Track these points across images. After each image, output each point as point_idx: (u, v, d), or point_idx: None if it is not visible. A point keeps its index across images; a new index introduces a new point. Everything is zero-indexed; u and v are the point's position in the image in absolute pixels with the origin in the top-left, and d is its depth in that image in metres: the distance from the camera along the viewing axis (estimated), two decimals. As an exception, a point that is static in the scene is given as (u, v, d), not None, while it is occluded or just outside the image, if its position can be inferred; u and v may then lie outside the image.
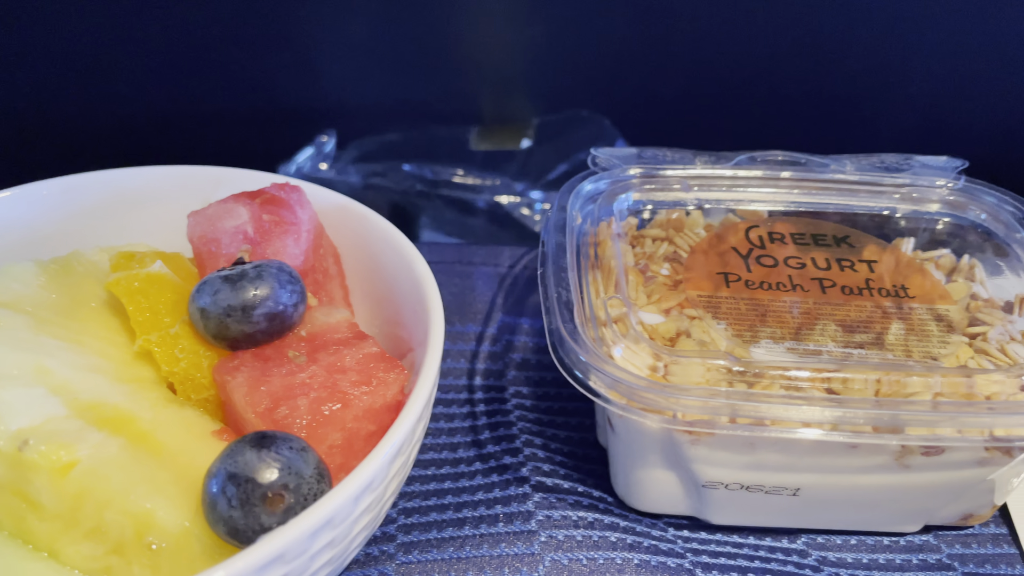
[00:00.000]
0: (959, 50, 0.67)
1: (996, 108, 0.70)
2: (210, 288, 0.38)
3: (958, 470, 0.38)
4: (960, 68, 0.67)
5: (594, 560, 0.39)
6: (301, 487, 0.32)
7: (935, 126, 0.70)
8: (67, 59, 0.66)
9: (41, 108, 0.68)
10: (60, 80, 0.67)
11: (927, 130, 0.70)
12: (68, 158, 0.71)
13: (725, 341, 0.39)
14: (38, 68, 0.67)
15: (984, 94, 0.67)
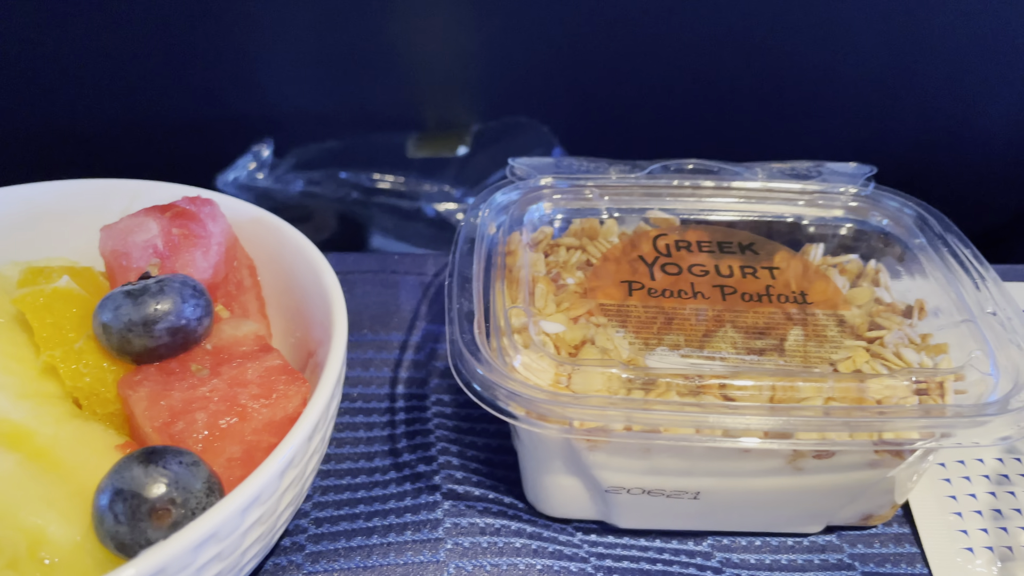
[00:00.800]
0: (882, 60, 0.68)
1: (911, 116, 0.71)
2: (112, 303, 0.38)
3: (850, 472, 0.39)
4: (880, 78, 0.68)
5: (497, 566, 0.39)
6: (189, 501, 0.32)
7: (860, 134, 0.71)
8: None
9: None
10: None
11: (853, 138, 0.71)
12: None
13: (626, 349, 0.40)
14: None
15: (900, 103, 0.69)
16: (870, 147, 0.74)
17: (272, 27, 0.67)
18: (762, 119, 0.71)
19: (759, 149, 0.68)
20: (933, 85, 0.70)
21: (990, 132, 0.74)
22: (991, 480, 0.44)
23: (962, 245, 0.44)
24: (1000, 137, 0.74)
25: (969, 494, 0.44)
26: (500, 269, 0.43)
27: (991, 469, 0.45)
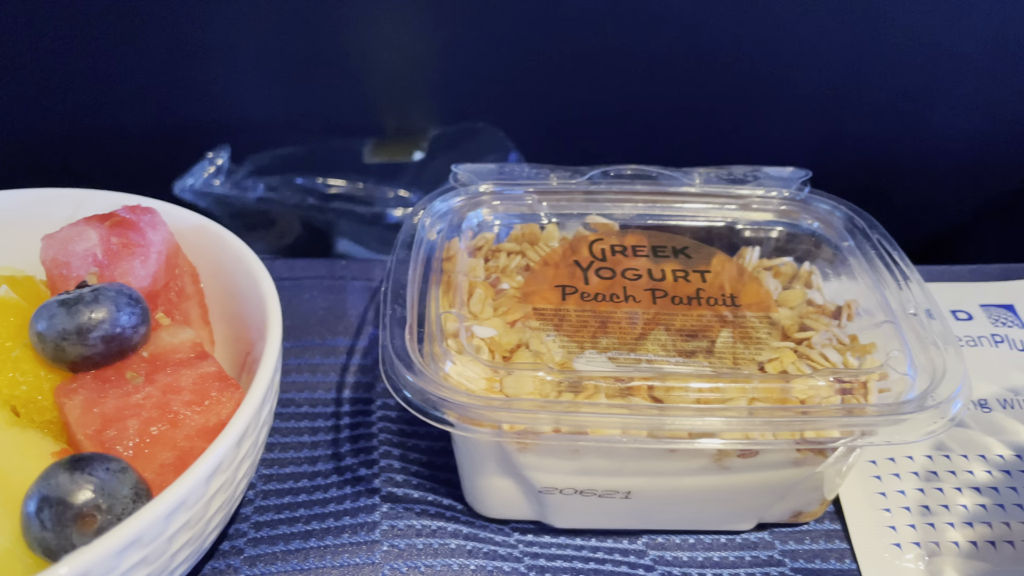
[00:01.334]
0: (832, 68, 0.69)
1: (860, 122, 0.73)
2: (47, 312, 0.39)
3: (776, 470, 0.40)
4: (830, 85, 0.69)
5: (432, 567, 0.40)
6: (115, 507, 0.33)
7: (811, 139, 0.73)
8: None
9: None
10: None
11: (804, 143, 0.72)
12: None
13: (558, 353, 0.41)
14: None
15: (850, 109, 0.70)
16: (821, 152, 0.75)
17: (229, 33, 0.68)
18: (718, 125, 0.72)
19: (716, 154, 0.69)
20: (882, 92, 0.71)
21: (938, 137, 0.75)
22: (920, 477, 0.45)
23: (889, 247, 0.45)
24: (948, 142, 0.75)
25: (899, 491, 0.45)
26: (437, 275, 0.44)
27: (920, 466, 0.46)
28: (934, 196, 0.79)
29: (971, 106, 0.73)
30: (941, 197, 0.79)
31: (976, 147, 0.76)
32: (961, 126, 0.74)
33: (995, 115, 0.73)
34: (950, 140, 0.75)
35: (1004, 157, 0.76)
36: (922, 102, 0.72)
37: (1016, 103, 0.72)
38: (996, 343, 0.52)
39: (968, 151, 0.76)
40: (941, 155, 0.76)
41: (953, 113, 0.73)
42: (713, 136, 0.73)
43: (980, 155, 0.76)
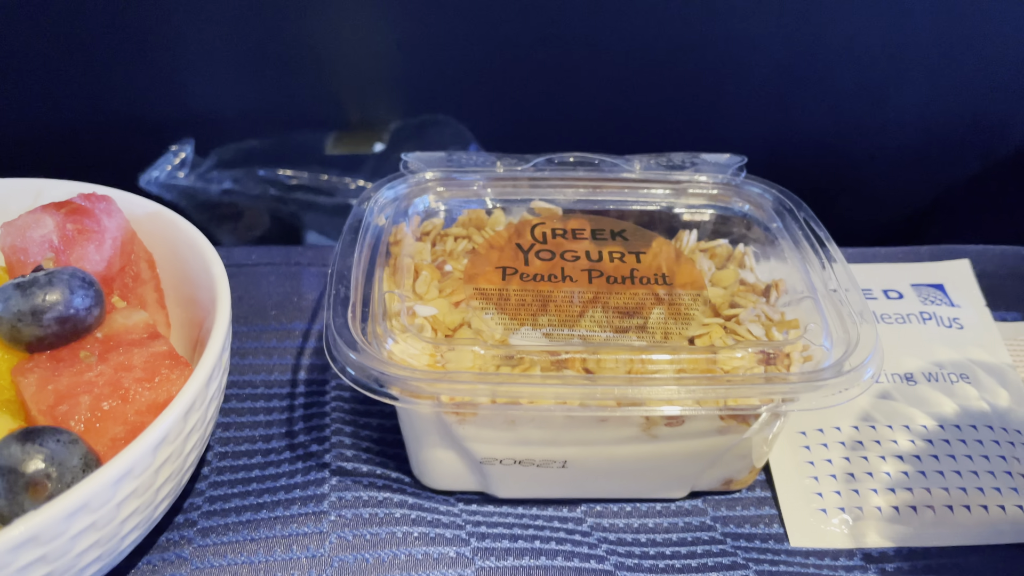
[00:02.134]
0: (786, 56, 0.72)
1: (816, 110, 0.75)
2: (3, 295, 0.40)
3: (702, 439, 0.42)
4: (786, 73, 0.71)
5: (377, 535, 0.42)
6: (65, 476, 0.35)
7: (765, 128, 0.75)
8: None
9: None
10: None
11: (759, 132, 0.75)
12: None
13: (498, 331, 0.43)
14: None
15: (805, 97, 0.72)
16: (777, 140, 0.78)
17: (192, 26, 0.69)
18: (674, 118, 0.74)
19: (672, 145, 0.71)
20: (837, 79, 0.74)
21: (891, 127, 0.77)
22: (846, 446, 0.48)
23: (815, 226, 0.47)
24: (900, 132, 0.78)
25: (826, 460, 0.47)
26: (384, 258, 0.46)
27: (847, 436, 0.48)
28: (889, 184, 0.82)
29: (920, 98, 0.75)
30: (896, 184, 0.82)
31: (926, 137, 0.78)
32: (911, 117, 0.77)
33: (943, 106, 0.76)
34: (901, 130, 0.78)
35: (952, 146, 0.79)
36: (874, 94, 0.75)
37: (962, 94, 0.75)
38: (924, 320, 0.54)
39: (919, 141, 0.78)
40: (893, 145, 0.79)
41: (903, 105, 0.76)
42: (669, 128, 0.75)
43: (930, 144, 0.79)
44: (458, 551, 0.41)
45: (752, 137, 0.78)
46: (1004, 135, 0.78)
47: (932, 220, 0.79)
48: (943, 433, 0.48)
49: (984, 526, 0.45)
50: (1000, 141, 0.78)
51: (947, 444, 0.47)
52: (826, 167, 0.76)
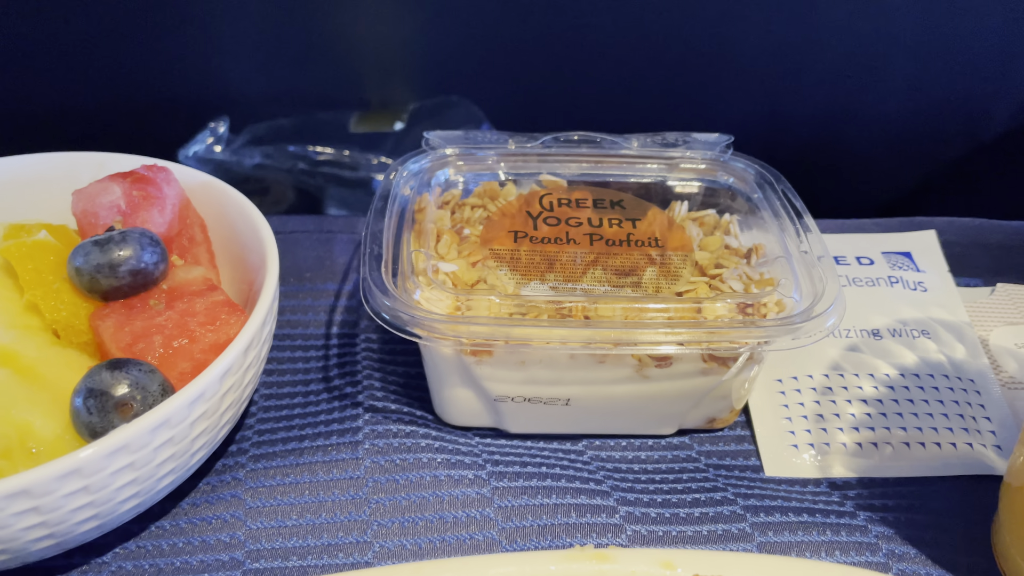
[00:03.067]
0: (781, 44, 0.77)
1: (809, 94, 0.80)
2: (83, 251, 0.47)
3: (688, 379, 0.48)
4: (781, 59, 0.77)
5: (405, 459, 0.48)
6: (147, 398, 0.41)
7: (764, 109, 0.80)
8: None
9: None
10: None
11: (759, 112, 0.80)
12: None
13: (510, 285, 0.49)
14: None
15: (800, 82, 0.78)
16: (767, 121, 0.83)
17: (228, 14, 0.75)
18: (667, 98, 0.80)
19: (665, 122, 0.76)
20: (829, 64, 0.79)
21: (878, 113, 0.83)
22: (817, 391, 0.54)
23: (791, 196, 0.53)
24: (887, 117, 0.83)
25: (798, 403, 0.54)
26: (410, 223, 0.52)
27: (818, 383, 0.54)
28: (872, 163, 0.87)
29: (906, 84, 0.80)
30: (879, 164, 0.87)
31: (912, 121, 0.84)
32: (896, 101, 0.82)
33: (927, 92, 0.81)
34: (888, 115, 0.83)
35: (938, 130, 0.84)
36: (861, 78, 0.80)
37: (945, 80, 0.80)
38: (892, 283, 0.60)
39: (904, 126, 0.84)
40: (878, 127, 0.84)
41: (890, 91, 0.81)
42: (664, 110, 0.80)
43: (916, 128, 0.84)
44: (476, 474, 0.48)
45: (743, 118, 0.83)
46: (986, 118, 0.84)
47: (909, 197, 0.84)
48: (904, 381, 0.54)
49: (936, 460, 0.51)
50: (981, 124, 0.84)
51: (907, 390, 0.54)
52: (813, 147, 0.82)
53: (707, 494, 0.48)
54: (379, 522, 0.46)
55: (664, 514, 0.46)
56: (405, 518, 0.46)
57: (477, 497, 0.47)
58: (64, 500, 0.38)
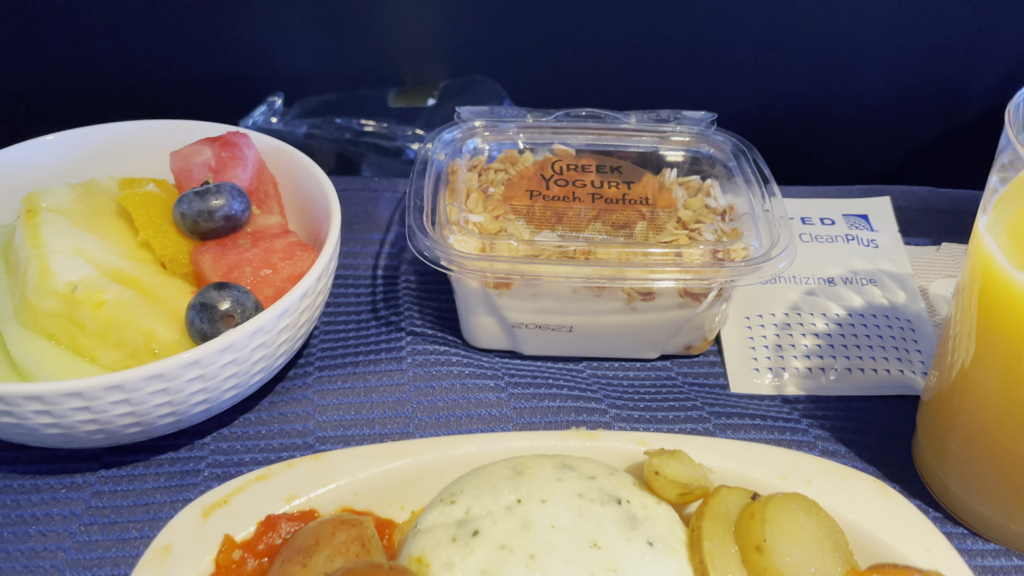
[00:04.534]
0: (772, 31, 0.87)
1: (798, 78, 0.91)
2: (187, 200, 0.59)
3: (668, 311, 0.60)
4: (772, 45, 0.87)
5: (440, 371, 0.60)
6: (245, 312, 0.53)
7: (756, 91, 0.91)
8: (78, 38, 0.85)
9: (55, 74, 0.88)
10: (71, 53, 0.86)
11: (750, 95, 0.90)
12: (73, 112, 0.90)
13: (526, 233, 0.60)
14: (54, 46, 0.86)
15: (789, 66, 0.88)
16: (765, 103, 0.93)
17: (284, 1, 0.86)
18: (662, 79, 0.91)
19: (659, 100, 0.86)
20: (809, 52, 0.89)
21: (864, 92, 0.92)
22: (777, 327, 0.65)
23: (761, 165, 0.64)
24: (872, 96, 0.93)
25: (761, 336, 0.65)
26: (444, 184, 0.64)
27: (779, 320, 0.66)
28: (850, 140, 0.97)
29: (889, 64, 0.90)
30: (856, 141, 0.97)
31: (885, 102, 0.93)
32: (882, 82, 0.92)
33: (902, 75, 0.91)
34: (863, 96, 0.93)
35: (909, 110, 0.94)
36: (840, 64, 0.90)
37: (926, 60, 0.89)
38: (848, 240, 0.71)
39: (877, 106, 0.94)
40: (855, 108, 0.94)
41: (865, 75, 0.91)
42: (659, 90, 0.91)
43: (889, 108, 0.94)
44: (496, 383, 0.60)
45: (730, 97, 0.93)
46: (960, 98, 0.93)
47: (878, 168, 0.95)
48: (851, 319, 0.65)
49: (872, 382, 0.62)
50: (952, 104, 0.93)
51: (852, 327, 0.65)
52: (794, 123, 0.92)
53: (681, 402, 0.60)
54: (419, 418, 0.58)
55: (644, 415, 0.58)
56: (440, 414, 0.58)
57: (496, 400, 0.59)
58: (185, 384, 0.50)
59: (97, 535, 0.51)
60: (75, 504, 0.53)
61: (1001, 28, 0.87)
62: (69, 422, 0.48)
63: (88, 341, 0.53)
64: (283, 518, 0.45)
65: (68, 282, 0.53)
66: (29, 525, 0.52)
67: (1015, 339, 0.46)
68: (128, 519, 0.52)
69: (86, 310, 0.53)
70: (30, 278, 0.54)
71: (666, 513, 0.45)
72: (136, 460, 0.55)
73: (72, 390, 0.47)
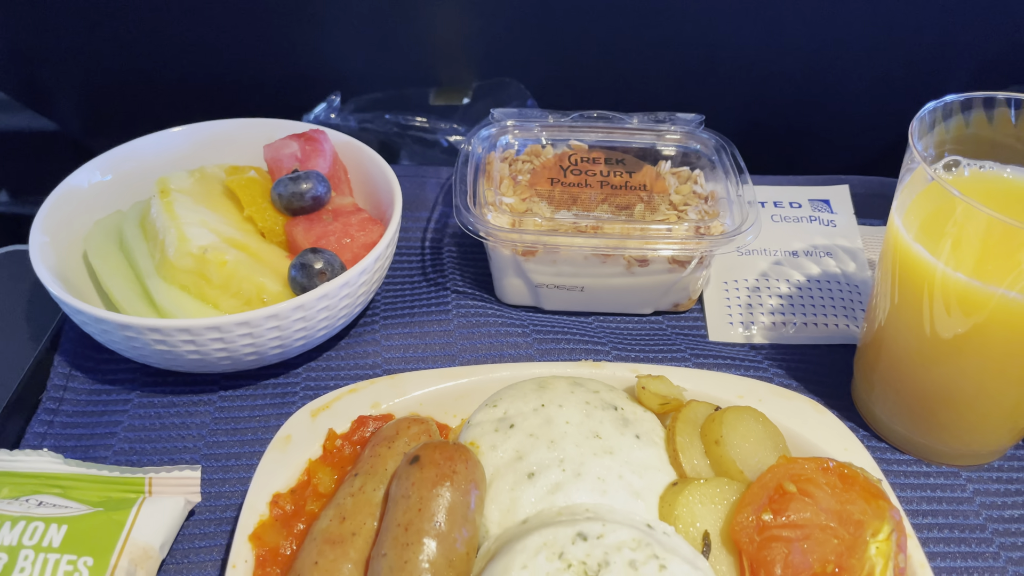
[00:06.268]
0: (762, 36, 1.02)
1: (786, 75, 1.05)
2: (283, 183, 0.75)
3: (659, 275, 0.76)
4: (763, 46, 1.02)
5: (478, 320, 0.76)
6: (334, 271, 0.69)
7: (746, 89, 1.05)
8: (163, 42, 1.01)
9: (148, 78, 1.04)
10: (163, 57, 1.03)
11: (740, 92, 1.05)
12: (173, 108, 1.06)
13: (548, 212, 0.76)
14: (143, 56, 1.02)
15: (779, 66, 1.03)
16: (755, 102, 1.08)
17: (341, 12, 1.02)
18: (662, 87, 1.06)
19: (658, 104, 1.01)
20: (795, 67, 1.03)
21: (846, 86, 1.07)
22: (749, 290, 0.81)
23: (737, 158, 0.80)
24: (854, 89, 1.07)
25: (736, 296, 0.81)
26: (482, 172, 0.79)
27: (750, 285, 0.81)
28: (847, 133, 1.11)
29: (869, 58, 1.04)
30: (852, 133, 1.11)
31: (877, 91, 1.07)
32: (863, 76, 1.06)
33: (890, 62, 1.04)
34: (855, 88, 1.07)
35: (899, 100, 1.07)
36: (825, 75, 1.04)
37: (905, 50, 1.03)
38: (811, 221, 0.86)
39: (860, 110, 1.08)
40: (849, 101, 1.08)
41: (856, 66, 1.04)
42: (658, 96, 1.06)
43: (880, 98, 1.08)
44: (523, 330, 0.76)
45: (720, 101, 1.08)
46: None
47: (846, 161, 1.09)
48: (809, 284, 0.81)
49: (823, 334, 0.78)
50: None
51: (810, 291, 0.80)
52: (776, 122, 1.07)
53: (668, 347, 0.76)
54: (463, 356, 0.74)
55: (639, 357, 0.74)
56: (478, 353, 0.74)
57: (523, 343, 0.75)
58: (292, 323, 0.66)
59: (222, 437, 0.68)
60: (204, 415, 0.69)
61: (972, 31, 1.01)
62: (207, 349, 0.65)
63: (213, 291, 0.70)
64: (370, 418, 0.61)
65: (200, 246, 0.70)
66: (170, 430, 0.68)
67: (916, 295, 0.61)
68: (244, 426, 0.69)
69: (213, 268, 0.69)
70: (169, 243, 0.70)
71: (650, 418, 0.61)
72: (246, 385, 0.72)
73: (212, 324, 0.63)
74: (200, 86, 1.07)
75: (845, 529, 0.53)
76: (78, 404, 0.70)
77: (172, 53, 1.03)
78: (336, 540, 0.52)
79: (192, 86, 1.07)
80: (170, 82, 1.06)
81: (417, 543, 0.49)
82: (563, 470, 0.55)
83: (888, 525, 0.53)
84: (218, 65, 1.05)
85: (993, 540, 0.63)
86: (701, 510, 0.55)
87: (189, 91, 1.07)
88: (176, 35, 1.01)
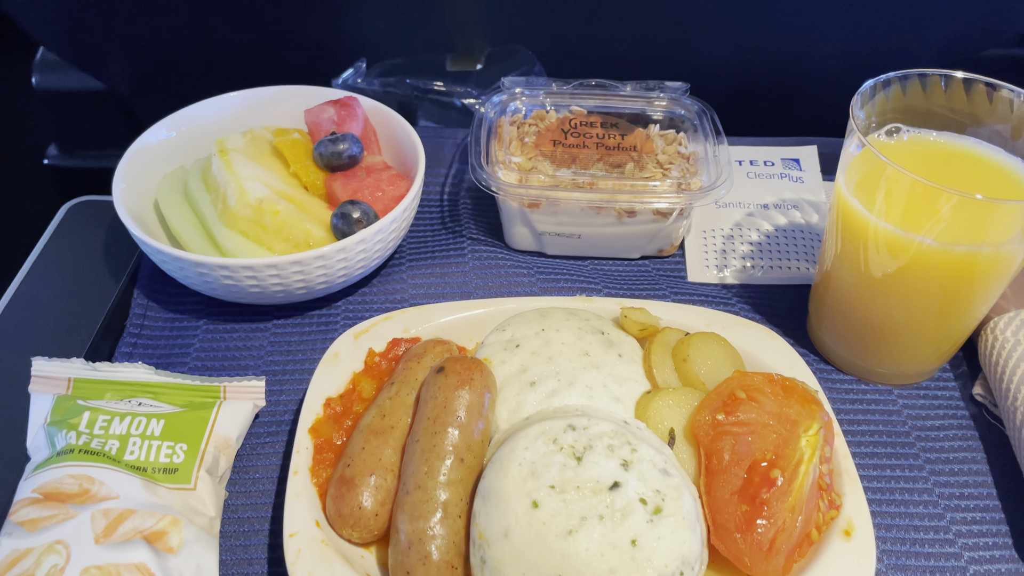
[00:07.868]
0: (748, 15, 1.12)
1: (767, 50, 1.16)
2: (323, 144, 0.87)
3: (646, 224, 0.88)
4: (747, 25, 1.12)
5: (489, 263, 0.89)
6: (369, 219, 0.82)
7: (733, 61, 1.16)
8: (205, 10, 1.13)
9: (201, 46, 1.16)
10: (206, 26, 1.14)
11: (728, 63, 1.16)
12: (208, 76, 1.18)
13: (551, 170, 0.88)
14: (185, 25, 1.14)
15: (762, 40, 1.13)
16: (738, 72, 1.19)
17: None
18: (652, 55, 1.17)
19: (649, 72, 1.13)
20: (779, 27, 1.14)
21: (826, 55, 1.17)
22: (724, 237, 0.93)
23: (716, 122, 0.91)
24: (834, 58, 1.18)
25: (713, 242, 0.93)
26: (494, 134, 0.92)
27: (725, 233, 0.94)
28: (819, 101, 1.22)
29: (842, 36, 1.15)
30: (824, 100, 1.22)
31: (848, 64, 1.18)
32: (836, 52, 1.17)
33: (869, 33, 1.15)
34: (828, 62, 1.18)
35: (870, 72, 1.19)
36: (802, 46, 1.15)
37: (882, 22, 1.13)
38: (782, 178, 0.98)
39: (841, 68, 1.19)
40: (823, 73, 1.19)
41: (828, 42, 1.15)
42: (649, 64, 1.17)
43: (850, 70, 1.19)
44: (528, 270, 0.89)
45: (706, 69, 1.19)
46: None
47: (820, 124, 1.20)
48: (776, 233, 0.93)
49: (786, 276, 0.90)
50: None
51: (777, 239, 0.93)
52: (757, 89, 1.18)
53: (652, 286, 0.89)
54: (476, 292, 0.88)
55: (626, 294, 0.87)
56: (490, 289, 0.87)
57: (528, 282, 0.88)
58: (335, 263, 0.80)
59: (277, 357, 0.82)
60: (261, 340, 0.83)
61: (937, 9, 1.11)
62: (265, 284, 0.78)
63: (268, 236, 0.83)
64: (402, 340, 0.75)
65: (257, 198, 0.83)
66: (233, 351, 0.82)
67: (855, 242, 0.74)
68: (295, 348, 0.83)
69: (268, 216, 0.82)
70: (231, 195, 0.83)
71: (631, 341, 0.74)
72: (295, 316, 0.86)
73: (271, 263, 0.77)
74: (238, 53, 1.19)
75: (783, 427, 0.67)
76: (156, 329, 0.84)
77: (216, 22, 1.14)
78: (379, 431, 0.66)
79: (231, 53, 1.19)
80: (211, 49, 1.18)
81: (443, 431, 0.63)
82: (558, 380, 0.69)
83: (817, 423, 0.67)
84: (254, 33, 1.17)
85: (915, 444, 0.77)
86: (668, 412, 0.68)
87: (228, 57, 1.19)
88: (218, 4, 1.13)
